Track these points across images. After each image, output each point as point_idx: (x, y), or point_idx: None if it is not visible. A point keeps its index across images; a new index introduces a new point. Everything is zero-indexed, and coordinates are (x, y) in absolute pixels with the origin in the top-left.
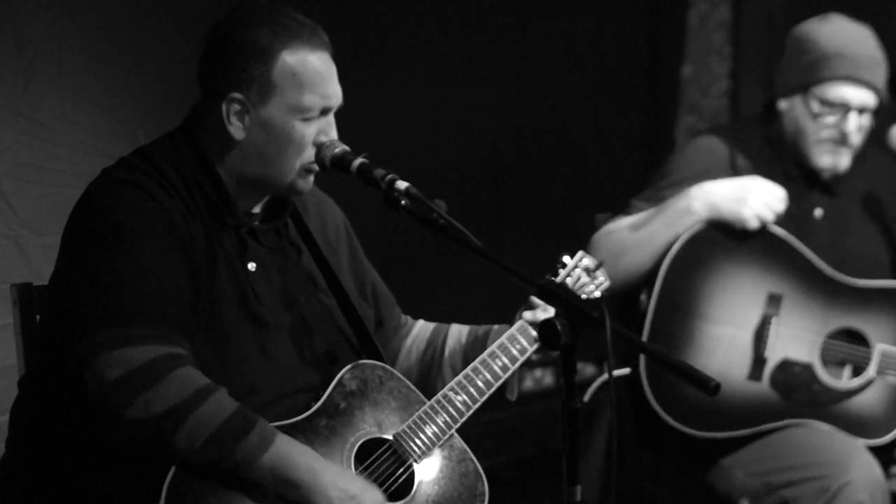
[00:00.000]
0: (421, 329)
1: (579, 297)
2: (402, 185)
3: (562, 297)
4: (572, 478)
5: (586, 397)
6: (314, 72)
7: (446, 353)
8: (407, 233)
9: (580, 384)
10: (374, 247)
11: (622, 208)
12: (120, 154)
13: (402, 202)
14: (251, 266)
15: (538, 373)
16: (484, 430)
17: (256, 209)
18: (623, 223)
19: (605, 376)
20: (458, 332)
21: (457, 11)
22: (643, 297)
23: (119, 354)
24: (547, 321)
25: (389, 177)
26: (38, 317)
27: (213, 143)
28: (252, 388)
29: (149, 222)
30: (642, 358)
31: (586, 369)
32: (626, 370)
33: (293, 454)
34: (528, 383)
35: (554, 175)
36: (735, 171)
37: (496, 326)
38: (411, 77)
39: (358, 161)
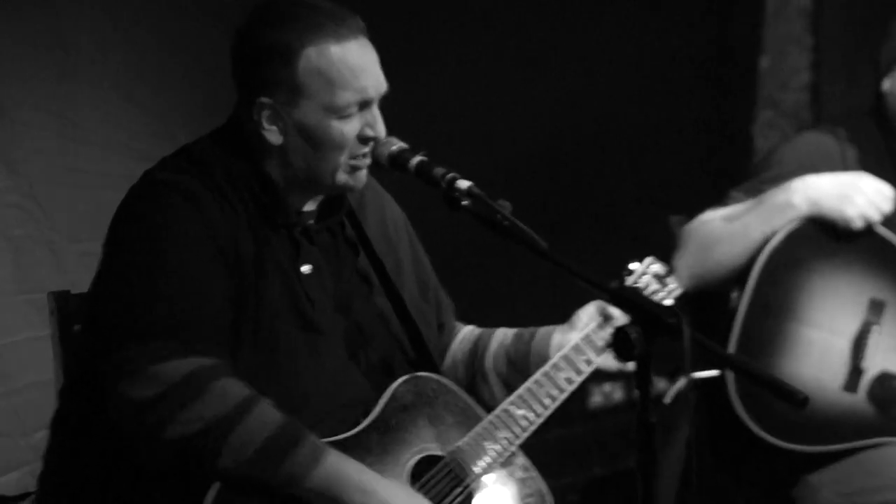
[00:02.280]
0: (467, 333)
1: (655, 302)
2: (463, 184)
3: (636, 302)
4: (648, 498)
5: (667, 399)
6: (343, 66)
7: (488, 356)
8: (465, 235)
9: (653, 399)
10: (429, 249)
11: (698, 208)
12: (159, 156)
13: (464, 202)
14: (305, 269)
15: (607, 387)
16: (549, 449)
17: (310, 207)
18: (717, 213)
19: (689, 377)
20: (502, 335)
21: None
22: (734, 295)
23: (148, 372)
24: (620, 329)
25: (450, 175)
26: (76, 327)
27: (255, 145)
28: (304, 399)
29: (189, 228)
30: (732, 348)
31: (659, 384)
32: (714, 372)
33: (345, 470)
34: (597, 398)
35: (620, 175)
36: (845, 167)
37: (542, 328)
38: (468, 69)
39: (416, 159)
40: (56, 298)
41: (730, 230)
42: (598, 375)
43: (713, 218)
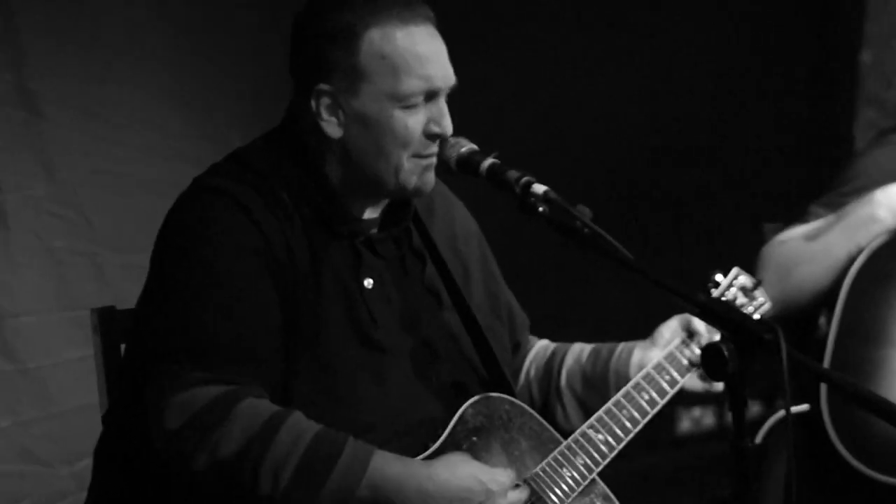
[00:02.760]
0: (540, 349)
1: (749, 316)
2: (539, 188)
3: (728, 316)
4: None
5: (758, 438)
6: (408, 51)
7: (564, 373)
8: (541, 243)
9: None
10: (500, 259)
11: (793, 216)
12: (207, 159)
13: (540, 208)
14: (367, 283)
15: (696, 412)
16: (633, 479)
17: (372, 214)
18: (797, 232)
19: (781, 413)
20: (578, 351)
21: None
22: (822, 319)
23: (177, 400)
24: (711, 346)
25: (525, 179)
26: (122, 346)
27: (313, 143)
28: (367, 424)
29: (236, 240)
30: (823, 391)
31: (753, 408)
32: (804, 406)
33: (395, 471)
34: (686, 424)
35: (710, 179)
36: None
37: (622, 344)
38: (546, 68)
39: (488, 161)
40: (100, 315)
41: (810, 250)
42: (687, 398)
43: (792, 237)
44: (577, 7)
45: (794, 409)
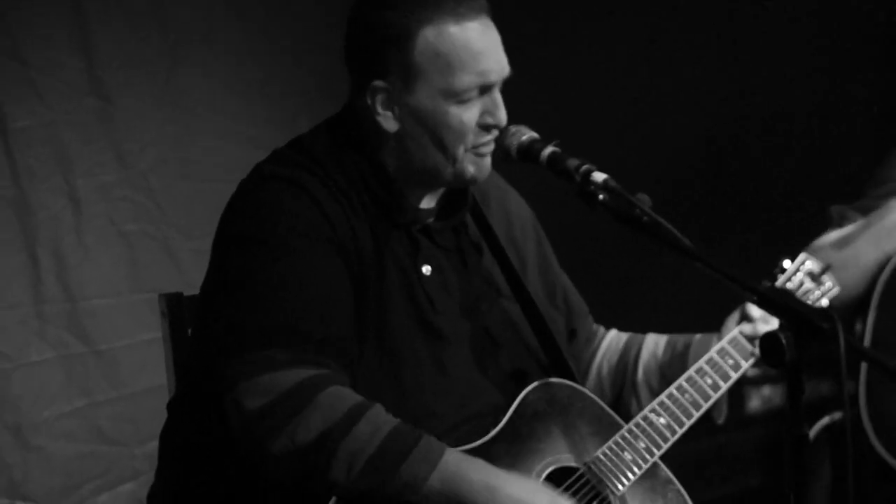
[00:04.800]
0: (613, 340)
1: (807, 305)
2: (599, 176)
3: (786, 304)
4: None
5: (812, 434)
6: (462, 47)
7: (640, 368)
8: (600, 232)
9: (814, 405)
10: (560, 248)
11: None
12: (279, 144)
13: (600, 196)
14: (425, 269)
15: (766, 391)
16: (699, 458)
17: (429, 204)
18: (829, 238)
19: (830, 417)
20: (653, 344)
21: None
22: (858, 327)
23: (261, 381)
24: (769, 334)
25: (585, 167)
26: (189, 330)
27: (371, 134)
28: (428, 410)
29: (305, 226)
30: (862, 380)
31: (821, 386)
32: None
33: (465, 471)
34: (755, 402)
35: (777, 165)
36: None
37: (698, 336)
38: (607, 51)
39: (548, 150)
40: (168, 300)
41: (841, 257)
42: (757, 377)
43: (823, 244)
44: None
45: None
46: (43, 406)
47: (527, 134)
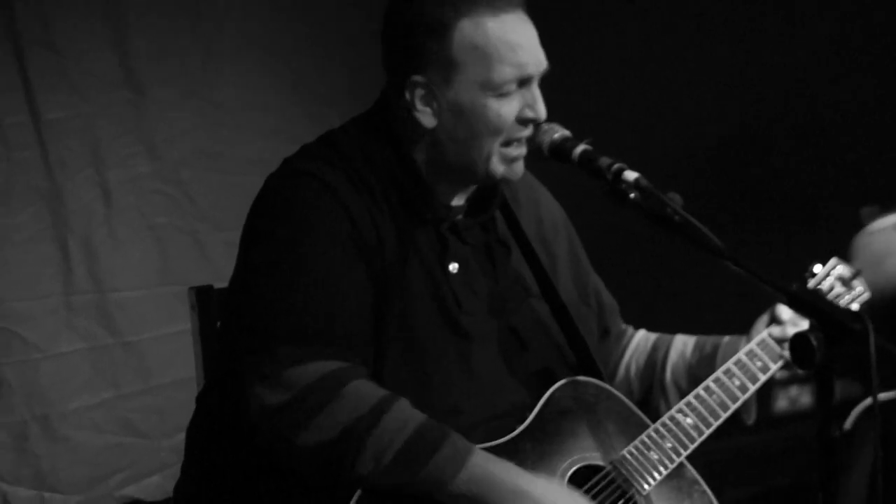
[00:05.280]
0: (641, 340)
1: (838, 306)
2: (630, 175)
3: (817, 306)
4: None
5: (848, 424)
6: (500, 40)
7: (668, 369)
8: (630, 232)
9: (842, 406)
10: (590, 248)
11: (892, 201)
12: (310, 139)
13: (631, 195)
14: (452, 268)
15: (793, 391)
16: (727, 458)
17: (459, 201)
18: (890, 220)
19: (870, 400)
20: (682, 345)
21: None
22: None
23: (284, 376)
24: (799, 335)
25: (616, 166)
26: (218, 323)
27: (405, 130)
28: (453, 408)
29: (330, 222)
30: None
31: (852, 387)
32: (893, 393)
33: (493, 472)
34: (782, 403)
35: (805, 164)
36: None
37: (727, 338)
38: (636, 49)
39: (580, 148)
40: (197, 293)
41: None
42: (786, 379)
43: (885, 226)
44: None
45: (885, 395)
46: (71, 397)
47: (559, 132)
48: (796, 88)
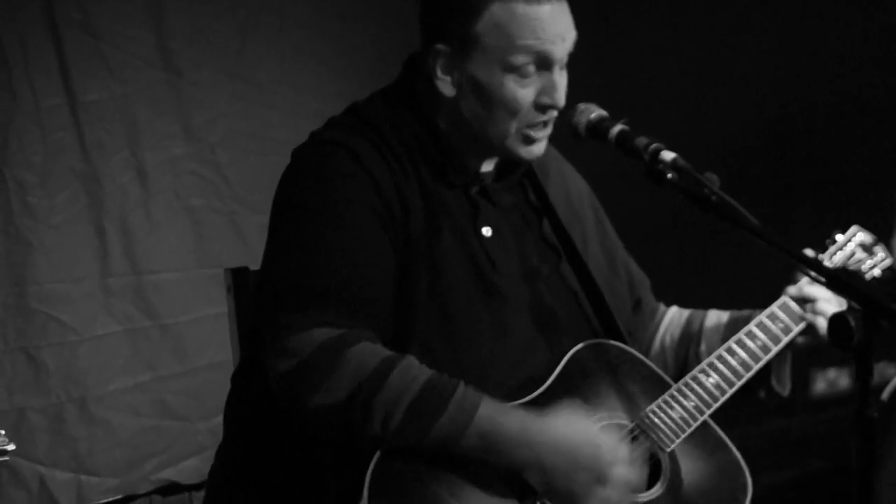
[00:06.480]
0: (674, 316)
1: (875, 287)
2: (668, 155)
3: (855, 287)
4: (866, 499)
5: (885, 395)
6: (525, 18)
7: (703, 342)
8: (662, 214)
9: (879, 388)
10: (622, 230)
11: None
12: None
13: (668, 175)
14: (485, 231)
15: (832, 373)
16: (765, 441)
17: (488, 167)
18: None
19: None
20: (716, 319)
21: None
22: None
23: (292, 343)
24: (838, 315)
25: (654, 146)
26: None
27: (428, 97)
28: (484, 370)
29: (349, 190)
30: None
31: (888, 370)
32: None
33: (503, 424)
34: (821, 385)
35: (849, 148)
36: None
37: (758, 312)
38: (674, 31)
39: (617, 128)
40: (233, 275)
41: None
42: (822, 360)
43: None
44: None
45: None
46: (108, 380)
47: (595, 112)
48: (835, 71)
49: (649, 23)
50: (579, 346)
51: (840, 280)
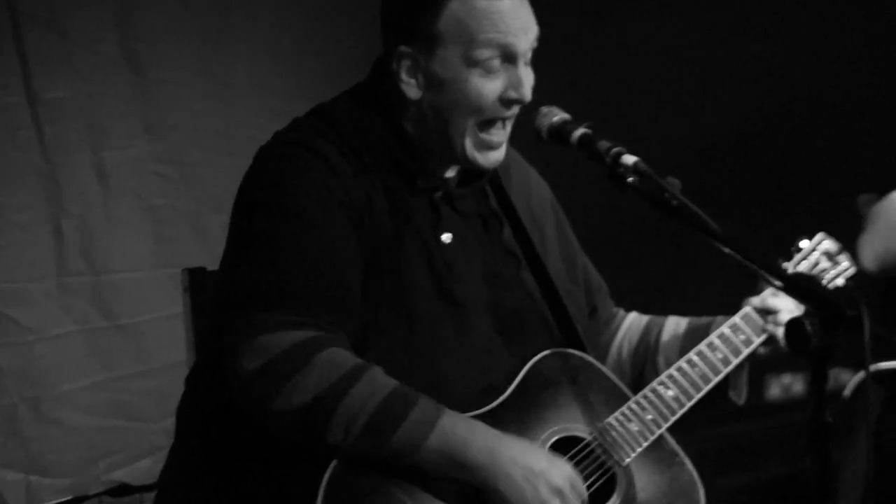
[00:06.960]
0: (633, 322)
1: (833, 292)
2: (629, 159)
3: (812, 291)
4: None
5: (847, 391)
6: (485, 12)
7: (661, 347)
8: (624, 218)
9: (834, 394)
10: (583, 233)
11: (890, 187)
12: None
13: (630, 179)
14: (445, 237)
15: (786, 378)
16: (719, 445)
17: (451, 173)
18: None
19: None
20: (674, 325)
21: None
22: None
23: (258, 342)
24: (794, 320)
25: (616, 150)
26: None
27: (394, 99)
28: (443, 378)
29: (315, 191)
30: None
31: (842, 376)
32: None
33: (463, 434)
34: (775, 391)
35: (812, 152)
36: None
37: (719, 318)
38: (640, 34)
39: (580, 131)
40: (191, 275)
41: None
42: (777, 366)
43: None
44: None
45: (886, 365)
46: (63, 379)
47: (558, 115)
48: (798, 78)
49: (613, 26)
50: (540, 355)
51: (798, 284)
